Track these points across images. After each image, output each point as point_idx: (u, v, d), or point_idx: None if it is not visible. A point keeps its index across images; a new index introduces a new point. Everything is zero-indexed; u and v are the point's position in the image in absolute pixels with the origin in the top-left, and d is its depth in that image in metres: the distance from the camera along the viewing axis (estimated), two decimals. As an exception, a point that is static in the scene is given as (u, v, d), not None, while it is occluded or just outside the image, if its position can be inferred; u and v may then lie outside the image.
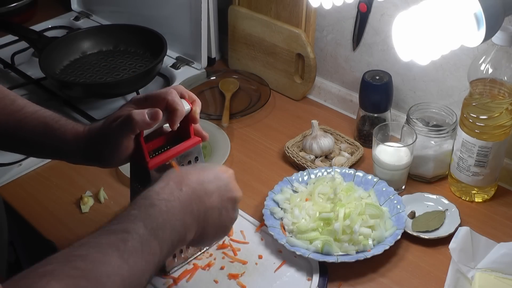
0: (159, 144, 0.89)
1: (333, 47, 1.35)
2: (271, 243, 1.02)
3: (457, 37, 0.81)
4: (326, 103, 1.39)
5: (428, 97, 1.22)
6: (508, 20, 1.01)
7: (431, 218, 1.06)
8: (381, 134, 1.14)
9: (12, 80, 1.47)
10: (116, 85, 1.35)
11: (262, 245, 1.03)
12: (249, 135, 1.30)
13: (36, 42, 1.45)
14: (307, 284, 0.95)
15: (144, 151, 0.85)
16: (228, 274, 0.96)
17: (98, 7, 1.73)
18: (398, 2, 1.16)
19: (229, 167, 0.89)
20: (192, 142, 0.90)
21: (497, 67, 0.98)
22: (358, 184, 1.11)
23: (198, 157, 0.92)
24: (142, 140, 0.84)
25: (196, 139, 0.90)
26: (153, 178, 0.86)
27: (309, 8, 1.31)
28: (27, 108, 0.90)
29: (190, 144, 0.90)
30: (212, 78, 1.46)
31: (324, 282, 0.95)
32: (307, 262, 0.98)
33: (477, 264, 0.95)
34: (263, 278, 0.97)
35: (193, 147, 0.90)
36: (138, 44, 1.49)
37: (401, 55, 0.85)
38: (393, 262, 1.00)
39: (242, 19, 1.43)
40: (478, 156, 1.05)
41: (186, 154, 0.90)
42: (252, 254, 1.00)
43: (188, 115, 0.87)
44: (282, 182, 1.12)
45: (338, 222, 0.99)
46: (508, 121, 1.02)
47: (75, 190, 1.15)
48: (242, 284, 0.95)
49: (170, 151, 0.88)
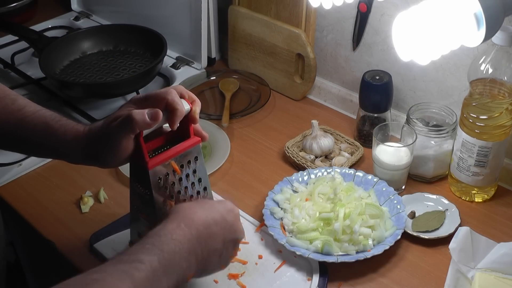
0: (158, 144, 0.88)
1: (333, 47, 1.35)
2: (271, 243, 1.02)
3: (457, 37, 0.81)
4: (326, 103, 1.39)
5: (428, 97, 1.22)
6: (508, 20, 1.01)
7: (431, 218, 1.06)
8: (381, 134, 1.14)
9: (12, 80, 1.47)
10: (116, 85, 1.35)
11: (262, 245, 1.03)
12: (249, 135, 1.30)
13: (36, 42, 1.45)
14: (307, 284, 0.95)
15: (144, 151, 0.84)
16: (228, 274, 0.96)
17: (98, 7, 1.73)
18: (398, 2, 1.16)
19: (234, 207, 0.89)
20: (191, 142, 0.89)
21: (497, 67, 0.98)
22: (358, 184, 1.11)
23: (198, 157, 0.91)
24: (142, 140, 0.84)
25: (196, 139, 0.90)
26: (152, 179, 0.86)
27: (309, 8, 1.31)
28: (27, 108, 0.90)
29: (189, 144, 0.89)
30: (212, 78, 1.46)
31: (324, 282, 0.95)
32: (307, 262, 0.98)
33: (477, 264, 0.95)
34: (263, 278, 0.96)
35: (192, 147, 0.90)
36: (138, 44, 1.49)
37: (401, 55, 0.85)
38: (393, 262, 1.00)
39: (242, 19, 1.43)
40: (478, 156, 1.05)
41: (185, 154, 0.89)
42: (252, 254, 1.00)
43: (188, 115, 0.87)
44: (282, 182, 1.12)
45: (338, 222, 0.99)
46: (508, 121, 1.02)
47: (75, 190, 1.15)
48: (242, 284, 0.95)
49: (169, 151, 0.88)
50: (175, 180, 0.89)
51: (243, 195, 1.14)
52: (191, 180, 0.91)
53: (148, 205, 0.89)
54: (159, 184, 0.87)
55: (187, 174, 0.91)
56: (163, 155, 0.87)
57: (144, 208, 0.90)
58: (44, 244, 1.07)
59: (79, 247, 1.03)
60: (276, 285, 0.95)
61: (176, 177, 0.89)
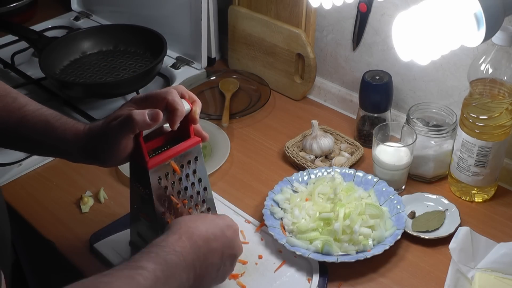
0: (158, 143, 0.88)
1: (333, 47, 1.35)
2: (271, 243, 1.02)
3: (457, 37, 0.81)
4: (326, 103, 1.39)
5: (428, 97, 1.22)
6: (508, 20, 1.01)
7: (431, 218, 1.06)
8: (381, 134, 1.14)
9: (12, 80, 1.47)
10: (116, 85, 1.35)
11: (262, 245, 1.03)
12: (249, 135, 1.30)
13: (36, 42, 1.45)
14: (307, 284, 0.95)
15: (144, 151, 0.84)
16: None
17: (98, 7, 1.73)
18: (398, 2, 1.16)
19: (234, 222, 0.90)
20: (191, 142, 0.90)
21: (497, 67, 0.98)
22: (358, 184, 1.11)
23: (198, 157, 0.91)
24: (142, 139, 0.84)
25: (196, 139, 0.90)
26: (152, 179, 0.86)
27: (309, 8, 1.31)
28: (28, 106, 0.90)
29: (189, 144, 0.89)
30: (212, 78, 1.46)
31: (324, 282, 0.95)
32: (307, 262, 0.98)
33: (477, 264, 0.95)
34: (263, 278, 0.96)
35: (193, 147, 0.90)
36: (138, 44, 1.49)
37: (401, 55, 0.85)
38: (393, 262, 1.00)
39: (242, 19, 1.43)
40: (478, 156, 1.05)
41: (185, 154, 0.89)
42: (252, 254, 1.00)
43: (188, 115, 0.87)
44: (282, 182, 1.12)
45: (338, 222, 0.99)
46: (508, 121, 1.02)
47: (75, 190, 1.15)
48: (242, 284, 0.95)
49: (169, 151, 0.88)
50: (175, 180, 0.89)
51: (243, 195, 1.14)
52: (191, 180, 0.91)
53: (148, 205, 0.89)
54: (159, 184, 0.87)
55: (187, 174, 0.91)
56: (163, 155, 0.87)
57: (144, 208, 0.90)
58: (44, 244, 1.07)
59: (79, 247, 1.03)
60: (276, 285, 0.95)
61: (176, 177, 0.89)
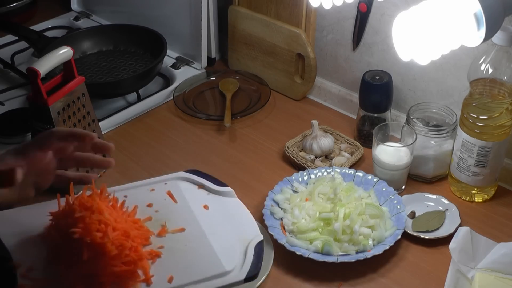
0: (51, 86, 1.08)
1: (333, 47, 1.35)
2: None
3: (457, 37, 0.81)
4: (326, 103, 1.39)
5: (428, 97, 1.22)
6: (508, 20, 1.01)
7: (431, 218, 1.06)
8: (381, 134, 1.14)
9: (12, 80, 1.47)
10: (116, 85, 1.35)
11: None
12: (249, 135, 1.30)
13: (36, 42, 1.45)
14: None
15: (42, 91, 1.04)
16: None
17: (98, 7, 1.73)
18: (398, 2, 1.16)
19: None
20: (77, 81, 1.11)
21: (497, 67, 0.98)
22: (358, 184, 1.11)
23: (84, 93, 1.13)
24: (40, 81, 1.03)
25: (81, 78, 1.11)
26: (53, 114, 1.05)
27: (309, 8, 1.31)
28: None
29: (76, 82, 1.11)
30: (212, 78, 1.46)
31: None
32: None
33: (477, 264, 0.95)
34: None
35: (79, 84, 1.11)
36: (138, 44, 1.49)
37: (401, 55, 0.84)
38: (393, 262, 1.00)
39: (242, 19, 1.43)
40: (478, 156, 1.05)
41: (74, 91, 1.10)
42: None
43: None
44: (282, 182, 1.12)
45: (338, 222, 0.99)
46: (508, 121, 1.02)
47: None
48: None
49: (62, 90, 1.08)
50: (70, 113, 1.10)
51: (243, 195, 1.13)
52: (82, 114, 1.13)
53: None
54: (58, 118, 1.07)
55: (78, 108, 1.12)
56: (58, 93, 1.07)
57: None
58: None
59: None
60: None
61: (71, 111, 1.10)
